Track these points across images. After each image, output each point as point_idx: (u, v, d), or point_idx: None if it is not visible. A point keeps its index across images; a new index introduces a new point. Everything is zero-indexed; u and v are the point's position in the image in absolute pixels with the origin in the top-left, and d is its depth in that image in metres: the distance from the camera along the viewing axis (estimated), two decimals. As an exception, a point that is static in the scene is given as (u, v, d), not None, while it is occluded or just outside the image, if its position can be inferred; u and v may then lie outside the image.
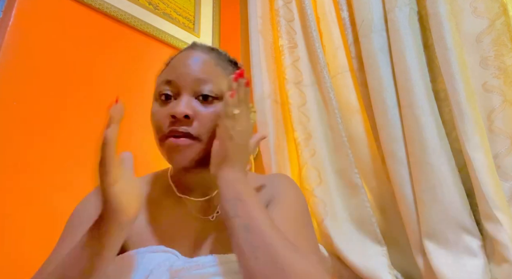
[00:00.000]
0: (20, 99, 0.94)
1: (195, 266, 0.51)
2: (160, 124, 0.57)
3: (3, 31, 0.95)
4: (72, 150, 1.00)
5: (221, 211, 0.51)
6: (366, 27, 0.96)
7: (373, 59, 0.93)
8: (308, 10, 1.13)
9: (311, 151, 1.06)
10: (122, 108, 0.51)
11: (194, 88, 0.57)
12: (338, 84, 1.07)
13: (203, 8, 1.57)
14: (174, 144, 0.55)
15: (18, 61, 0.96)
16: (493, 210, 0.68)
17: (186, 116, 0.55)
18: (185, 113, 0.54)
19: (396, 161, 0.86)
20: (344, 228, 0.94)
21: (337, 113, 1.00)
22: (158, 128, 0.58)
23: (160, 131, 0.57)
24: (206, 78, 0.57)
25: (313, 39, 1.09)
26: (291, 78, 1.15)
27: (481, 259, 0.71)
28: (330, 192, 0.99)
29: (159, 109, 0.58)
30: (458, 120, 0.74)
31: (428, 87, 0.83)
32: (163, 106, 0.58)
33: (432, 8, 0.81)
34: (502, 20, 0.76)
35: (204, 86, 0.57)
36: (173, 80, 0.58)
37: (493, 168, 0.71)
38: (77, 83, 1.06)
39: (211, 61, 0.60)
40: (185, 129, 0.55)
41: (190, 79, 0.57)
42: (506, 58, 0.75)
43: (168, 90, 0.58)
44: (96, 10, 1.16)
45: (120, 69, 1.18)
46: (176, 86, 0.57)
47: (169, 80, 0.58)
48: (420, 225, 0.80)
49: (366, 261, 0.86)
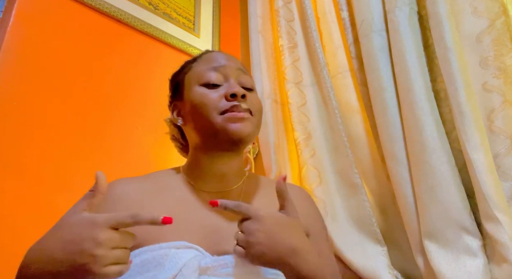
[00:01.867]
0: (20, 99, 0.94)
1: (223, 264, 0.51)
2: (215, 102, 0.61)
3: (3, 31, 0.95)
4: (72, 150, 1.00)
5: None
6: (366, 27, 0.96)
7: (373, 59, 0.93)
8: (308, 10, 1.13)
9: (311, 151, 1.06)
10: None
11: (238, 76, 0.65)
12: (338, 84, 1.07)
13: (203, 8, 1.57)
14: (238, 115, 0.60)
15: (18, 61, 0.96)
16: (493, 210, 0.68)
17: (243, 96, 0.61)
18: (244, 92, 0.62)
19: (396, 161, 0.86)
20: (344, 228, 0.94)
21: (337, 113, 1.00)
22: (213, 107, 0.61)
23: (216, 109, 0.61)
24: (244, 69, 0.68)
25: (313, 39, 1.09)
26: (291, 78, 1.15)
27: (481, 259, 0.71)
28: (330, 192, 0.99)
29: (210, 91, 0.63)
30: (458, 120, 0.74)
31: (428, 87, 0.83)
32: (213, 89, 0.63)
33: (432, 8, 0.81)
34: (502, 20, 0.76)
35: (246, 78, 0.66)
36: (220, 67, 0.65)
37: (493, 168, 0.71)
38: (77, 83, 1.06)
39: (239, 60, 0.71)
40: (245, 105, 0.62)
41: (236, 68, 0.66)
42: (506, 58, 0.75)
43: (215, 77, 0.64)
44: (96, 10, 1.16)
45: (120, 69, 1.18)
46: (224, 73, 0.65)
47: (217, 67, 0.65)
48: (420, 225, 0.80)
49: (366, 261, 0.86)
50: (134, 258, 0.51)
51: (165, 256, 0.51)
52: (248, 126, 0.61)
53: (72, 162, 0.99)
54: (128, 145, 1.13)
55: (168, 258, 0.51)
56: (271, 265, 0.49)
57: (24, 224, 0.87)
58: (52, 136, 0.97)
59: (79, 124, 1.04)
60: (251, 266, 0.51)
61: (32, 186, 0.91)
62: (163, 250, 0.52)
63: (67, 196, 0.95)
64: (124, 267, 0.44)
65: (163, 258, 0.51)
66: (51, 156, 0.96)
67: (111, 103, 1.13)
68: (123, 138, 1.13)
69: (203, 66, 0.66)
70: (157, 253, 0.52)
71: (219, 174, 0.65)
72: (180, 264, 0.50)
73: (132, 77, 1.21)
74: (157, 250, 0.52)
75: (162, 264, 0.50)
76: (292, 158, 1.14)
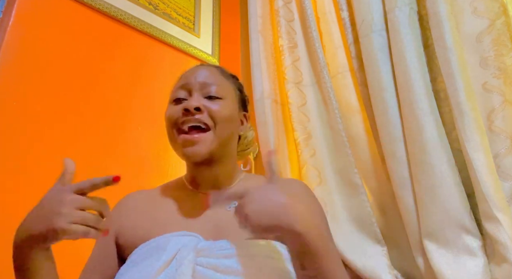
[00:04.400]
0: (20, 99, 0.94)
1: (218, 246, 0.56)
2: (173, 119, 0.66)
3: (3, 31, 0.95)
4: (72, 150, 1.00)
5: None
6: (366, 27, 0.96)
7: (373, 59, 0.93)
8: (308, 10, 1.13)
9: (311, 151, 1.06)
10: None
11: (202, 89, 0.67)
12: (338, 84, 1.07)
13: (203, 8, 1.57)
14: (188, 138, 0.63)
15: (18, 61, 0.96)
16: (493, 210, 0.68)
17: (196, 109, 0.64)
18: (195, 105, 0.64)
19: (396, 161, 0.86)
20: (344, 228, 0.94)
21: (337, 113, 1.00)
22: (172, 123, 0.66)
23: (174, 126, 0.66)
24: (212, 82, 0.69)
25: (313, 39, 1.09)
26: (291, 78, 1.15)
27: (481, 259, 0.71)
28: (330, 192, 0.99)
29: (173, 107, 0.68)
30: (458, 120, 0.74)
31: (428, 87, 0.83)
32: (176, 105, 0.67)
33: (432, 8, 0.81)
34: (502, 20, 0.76)
35: (210, 88, 0.67)
36: (185, 84, 0.69)
37: (493, 168, 0.71)
38: (76, 82, 1.06)
39: (215, 70, 0.73)
40: (197, 118, 0.64)
41: (199, 82, 0.68)
42: (506, 58, 0.75)
43: (181, 94, 0.68)
44: (96, 10, 1.16)
45: (120, 69, 1.18)
46: (187, 89, 0.68)
47: (182, 85, 0.69)
48: (420, 225, 0.80)
49: (366, 261, 0.86)
50: (142, 248, 0.59)
51: (167, 242, 0.57)
52: (202, 146, 0.63)
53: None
54: (128, 145, 1.13)
55: (169, 243, 0.57)
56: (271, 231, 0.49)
57: (24, 224, 0.87)
58: (52, 136, 0.97)
59: (79, 124, 1.04)
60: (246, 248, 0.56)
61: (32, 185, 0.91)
62: (165, 238, 0.59)
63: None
64: (93, 230, 0.49)
65: (165, 243, 0.57)
66: (51, 156, 0.96)
67: (110, 102, 1.13)
68: (123, 137, 1.13)
69: (176, 85, 0.72)
70: (160, 241, 0.58)
71: (212, 179, 0.70)
72: (179, 246, 0.56)
73: (132, 77, 1.21)
74: (161, 239, 0.59)
75: (164, 248, 0.56)
76: (292, 158, 1.14)
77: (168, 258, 0.55)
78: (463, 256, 0.72)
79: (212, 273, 0.53)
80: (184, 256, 0.54)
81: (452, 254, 0.73)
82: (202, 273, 0.53)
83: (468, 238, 0.73)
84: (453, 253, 0.73)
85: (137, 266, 0.57)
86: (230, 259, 0.55)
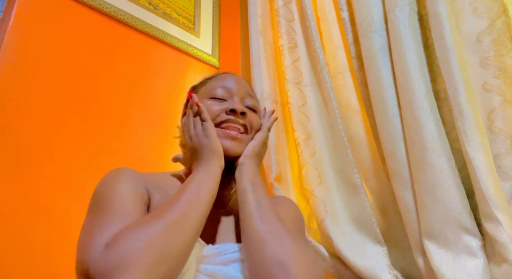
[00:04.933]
0: (20, 99, 0.94)
1: (217, 253, 0.57)
2: (215, 114, 0.68)
3: (3, 31, 0.95)
4: (72, 150, 1.00)
5: (239, 186, 0.63)
6: (366, 27, 0.96)
7: (373, 59, 0.93)
8: (308, 10, 1.13)
9: (311, 151, 1.06)
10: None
11: (244, 98, 0.72)
12: (338, 84, 1.07)
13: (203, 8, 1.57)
14: (230, 133, 0.67)
15: (18, 61, 0.96)
16: (493, 210, 0.68)
17: (242, 113, 0.68)
18: (243, 110, 0.68)
19: (396, 161, 0.86)
20: (344, 228, 0.94)
21: (337, 113, 1.00)
22: (212, 117, 0.67)
23: (213, 119, 0.67)
24: (253, 95, 0.76)
25: (313, 39, 1.09)
26: (291, 78, 1.15)
27: (481, 259, 0.71)
28: (330, 192, 0.99)
29: (214, 103, 0.69)
30: (458, 120, 0.74)
31: (428, 87, 0.83)
32: (217, 103, 0.70)
33: (432, 8, 0.81)
34: (502, 20, 0.76)
35: (251, 99, 0.73)
36: (227, 86, 0.72)
37: (493, 168, 0.71)
38: (76, 82, 1.06)
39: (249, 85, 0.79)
40: (240, 121, 0.68)
41: (241, 90, 0.73)
42: (506, 58, 0.75)
43: (221, 94, 0.71)
44: (96, 10, 1.16)
45: (119, 69, 1.18)
46: (230, 91, 0.71)
47: (224, 85, 0.72)
48: (420, 225, 0.80)
49: (366, 261, 0.86)
50: None
51: None
52: (237, 146, 0.67)
53: (72, 162, 0.99)
54: (128, 145, 1.13)
55: None
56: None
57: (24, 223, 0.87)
58: (52, 136, 0.97)
59: (79, 124, 1.04)
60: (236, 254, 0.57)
61: (32, 186, 0.91)
62: None
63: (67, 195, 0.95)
64: None
65: None
66: (51, 156, 0.96)
67: (110, 102, 1.13)
68: (123, 137, 1.13)
69: (215, 83, 0.73)
70: None
71: None
72: None
73: (132, 77, 1.21)
74: None
75: None
76: (292, 158, 1.14)
77: None
78: (463, 256, 0.72)
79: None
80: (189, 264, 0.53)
81: (452, 254, 0.73)
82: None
83: (468, 238, 0.73)
84: (453, 253, 0.73)
85: None
86: (227, 266, 0.55)
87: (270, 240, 0.53)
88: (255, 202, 0.59)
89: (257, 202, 0.59)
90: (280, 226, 0.56)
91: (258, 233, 0.54)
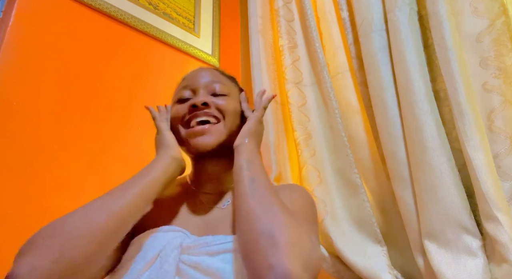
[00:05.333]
0: (20, 99, 0.94)
1: (203, 243, 0.56)
2: (179, 116, 0.68)
3: (3, 31, 0.95)
4: (72, 150, 1.00)
5: (235, 166, 0.62)
6: (366, 27, 0.96)
7: (373, 59, 0.93)
8: (308, 10, 1.13)
9: (311, 151, 1.06)
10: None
11: (207, 87, 0.70)
12: (338, 84, 1.07)
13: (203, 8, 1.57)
14: (195, 130, 0.66)
15: (18, 61, 0.96)
16: (493, 210, 0.68)
17: (204, 104, 0.66)
18: (203, 100, 0.66)
19: (396, 161, 0.86)
20: (344, 228, 0.94)
21: (337, 113, 1.00)
22: (178, 121, 0.69)
23: (181, 121, 0.68)
24: (216, 80, 0.72)
25: (313, 39, 1.09)
26: (291, 78, 1.15)
27: (481, 259, 0.71)
28: (330, 192, 0.99)
29: (179, 106, 0.70)
30: (458, 120, 0.74)
31: (428, 87, 0.83)
32: (182, 104, 0.70)
33: (432, 8, 0.81)
34: (502, 20, 0.76)
35: (215, 86, 0.71)
36: (189, 84, 0.71)
37: (493, 168, 0.71)
38: (76, 82, 1.06)
39: (217, 71, 0.77)
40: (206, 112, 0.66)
41: (203, 82, 0.71)
42: (506, 58, 0.75)
43: (186, 94, 0.71)
44: (96, 10, 1.16)
45: (120, 69, 1.18)
46: (192, 88, 0.71)
47: (186, 85, 0.72)
48: (420, 225, 0.80)
49: (366, 261, 0.86)
50: (132, 245, 0.59)
51: (155, 238, 0.58)
52: (211, 136, 0.66)
53: (72, 162, 0.99)
54: (128, 145, 1.13)
55: (156, 239, 0.58)
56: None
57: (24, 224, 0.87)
58: (52, 136, 0.97)
59: (79, 124, 1.04)
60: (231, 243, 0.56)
61: (32, 186, 0.91)
62: (154, 234, 0.59)
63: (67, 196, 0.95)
64: None
65: (153, 239, 0.58)
66: (51, 156, 0.96)
67: (110, 102, 1.13)
68: (123, 138, 1.13)
69: (180, 85, 0.75)
70: (147, 236, 0.59)
71: (213, 177, 0.71)
72: (164, 242, 0.56)
73: (132, 77, 1.21)
74: (149, 235, 0.60)
75: (152, 244, 0.57)
76: (292, 158, 1.14)
77: (153, 255, 0.55)
78: (463, 256, 0.72)
79: (194, 272, 0.53)
80: (168, 254, 0.55)
81: (452, 254, 0.73)
82: (186, 271, 0.54)
83: (468, 238, 0.73)
84: (453, 253, 0.73)
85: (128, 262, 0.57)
86: (213, 257, 0.55)
87: (259, 212, 0.51)
88: (248, 179, 0.57)
89: (250, 179, 0.57)
90: (271, 199, 0.53)
91: (247, 207, 0.53)
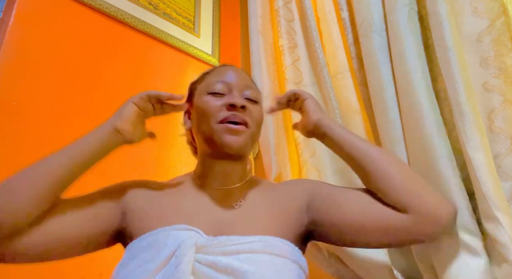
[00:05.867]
0: (20, 99, 0.94)
1: (217, 243, 0.56)
2: (215, 110, 0.67)
3: (3, 31, 0.95)
4: (72, 150, 1.00)
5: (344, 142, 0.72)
6: (366, 27, 0.96)
7: (373, 59, 0.93)
8: (308, 10, 1.13)
9: (311, 151, 1.06)
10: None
11: (243, 90, 0.71)
12: (338, 84, 1.07)
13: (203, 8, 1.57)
14: (233, 128, 0.66)
15: (18, 61, 0.96)
16: (493, 210, 0.68)
17: (242, 107, 0.67)
18: (243, 104, 0.67)
19: (396, 161, 0.85)
20: (344, 228, 0.94)
21: (337, 113, 1.00)
22: (213, 114, 0.67)
23: (215, 116, 0.67)
24: (252, 86, 0.74)
25: (313, 39, 1.09)
26: (291, 78, 1.15)
27: (483, 259, 0.71)
28: (330, 192, 0.99)
29: (213, 99, 0.69)
30: (458, 120, 0.74)
31: (429, 87, 0.83)
32: (216, 98, 0.69)
33: (432, 8, 0.81)
34: (502, 20, 0.76)
35: (250, 91, 0.72)
36: (224, 80, 0.71)
37: (493, 168, 0.71)
38: (76, 82, 1.06)
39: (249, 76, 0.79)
40: (240, 115, 0.67)
41: (240, 82, 0.72)
42: (506, 58, 0.75)
43: (220, 88, 0.70)
44: (96, 10, 1.16)
45: (120, 69, 1.18)
46: (228, 85, 0.71)
47: (222, 80, 0.71)
48: (420, 225, 0.79)
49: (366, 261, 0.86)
50: (142, 240, 0.59)
51: (167, 236, 0.57)
52: (241, 140, 0.66)
53: (72, 162, 0.99)
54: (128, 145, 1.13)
55: (169, 237, 0.57)
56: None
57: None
58: (52, 136, 0.97)
59: (79, 124, 1.03)
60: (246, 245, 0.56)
61: (32, 186, 0.91)
62: (166, 232, 0.59)
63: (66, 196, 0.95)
64: None
65: (166, 238, 0.57)
66: (51, 156, 0.96)
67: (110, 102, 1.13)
68: (123, 138, 1.13)
69: (214, 78, 0.73)
70: (161, 234, 0.58)
71: (222, 176, 0.70)
72: (178, 241, 0.55)
73: (132, 77, 1.21)
74: (161, 233, 0.59)
75: (164, 242, 0.56)
76: (292, 158, 1.14)
77: (167, 254, 0.54)
78: (464, 256, 0.72)
79: (210, 271, 0.53)
80: (184, 253, 0.54)
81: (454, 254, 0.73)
82: (201, 270, 0.53)
83: (469, 238, 0.73)
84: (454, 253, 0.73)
85: (136, 259, 0.56)
86: (228, 257, 0.54)
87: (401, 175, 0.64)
88: (372, 146, 0.69)
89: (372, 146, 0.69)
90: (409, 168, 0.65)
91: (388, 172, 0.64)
